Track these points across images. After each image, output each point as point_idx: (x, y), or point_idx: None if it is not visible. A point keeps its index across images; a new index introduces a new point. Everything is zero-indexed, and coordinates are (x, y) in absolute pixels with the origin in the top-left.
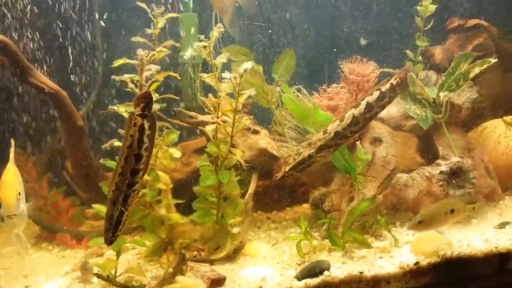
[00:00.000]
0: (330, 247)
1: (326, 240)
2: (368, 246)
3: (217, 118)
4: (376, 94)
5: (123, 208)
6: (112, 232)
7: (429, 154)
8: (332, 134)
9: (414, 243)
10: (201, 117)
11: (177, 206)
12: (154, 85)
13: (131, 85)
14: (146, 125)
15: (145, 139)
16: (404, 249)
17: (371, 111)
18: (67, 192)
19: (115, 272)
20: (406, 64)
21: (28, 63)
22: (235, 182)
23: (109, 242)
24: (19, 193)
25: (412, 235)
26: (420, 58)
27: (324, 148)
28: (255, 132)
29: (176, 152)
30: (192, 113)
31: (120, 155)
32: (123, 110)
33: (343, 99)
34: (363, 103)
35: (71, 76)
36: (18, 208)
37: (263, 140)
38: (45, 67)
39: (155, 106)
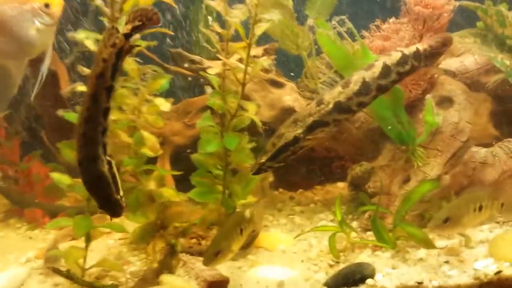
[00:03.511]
0: (376, 244)
1: (369, 234)
2: (430, 245)
3: (225, 57)
4: (396, 56)
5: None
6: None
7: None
8: (331, 105)
9: (494, 243)
10: (207, 62)
11: (178, 181)
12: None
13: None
14: (126, 50)
15: (120, 69)
16: (479, 251)
17: (387, 78)
18: (46, 158)
19: (84, 264)
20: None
21: None
22: (248, 150)
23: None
24: None
25: (489, 231)
26: None
27: (318, 126)
28: (279, 85)
29: (163, 104)
30: (195, 57)
31: (86, 92)
32: (83, 36)
33: (405, 39)
34: (378, 64)
35: None
36: None
37: (289, 96)
38: None
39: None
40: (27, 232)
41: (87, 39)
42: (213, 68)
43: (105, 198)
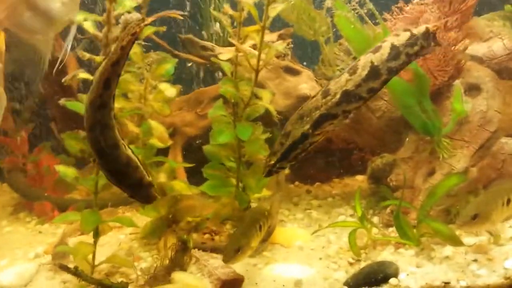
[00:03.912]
0: (398, 241)
1: (392, 230)
2: (457, 242)
3: (238, 42)
4: (404, 36)
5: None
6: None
7: None
8: (339, 95)
9: None
10: (219, 49)
11: (190, 173)
12: None
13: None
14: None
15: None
16: (509, 249)
17: (397, 60)
18: (56, 149)
19: (93, 260)
20: None
21: None
22: (262, 140)
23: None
24: None
25: None
26: None
27: (326, 119)
28: (295, 72)
29: (168, 89)
30: (207, 43)
31: (99, 78)
32: (81, 18)
33: (429, 21)
34: (386, 45)
35: None
36: None
37: (305, 84)
38: None
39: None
40: (37, 227)
41: (86, 21)
42: (225, 54)
43: (136, 184)
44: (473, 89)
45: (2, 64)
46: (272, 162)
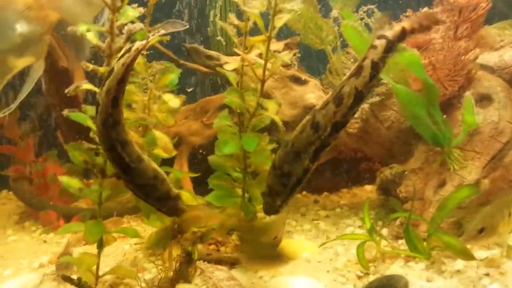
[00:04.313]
0: (408, 255)
1: (401, 243)
2: (469, 256)
3: (243, 52)
4: (380, 46)
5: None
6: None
7: None
8: (329, 128)
9: None
10: (224, 58)
11: (196, 183)
12: None
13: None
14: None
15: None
16: None
17: (378, 75)
18: (62, 158)
19: (97, 271)
20: None
21: None
22: (268, 151)
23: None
24: None
25: None
26: None
27: (321, 151)
28: (301, 82)
29: (172, 100)
30: (213, 52)
31: (104, 96)
32: (84, 29)
33: (439, 31)
34: (367, 65)
35: None
36: None
37: (312, 93)
38: None
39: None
40: (42, 236)
41: (89, 31)
42: (230, 64)
43: (164, 196)
44: (484, 99)
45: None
46: (279, 203)
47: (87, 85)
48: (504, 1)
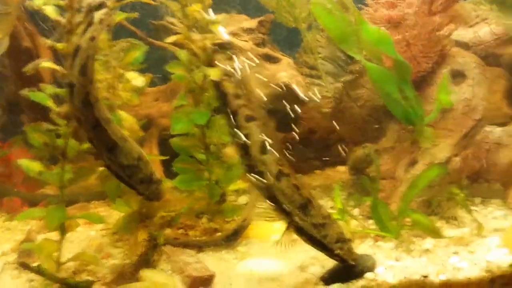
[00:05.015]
0: (378, 234)
1: (372, 222)
2: (437, 234)
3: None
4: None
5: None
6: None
7: None
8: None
9: (509, 232)
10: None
11: (167, 166)
12: None
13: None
14: None
15: None
16: (491, 241)
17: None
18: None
19: (58, 258)
20: None
21: None
22: (225, 125)
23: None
24: None
25: (504, 219)
26: None
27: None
28: (274, 60)
29: (136, 78)
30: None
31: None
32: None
33: (412, 6)
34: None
35: None
36: None
37: (285, 72)
38: None
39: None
40: (5, 223)
41: (46, 5)
42: (171, 37)
43: (147, 179)
44: (458, 76)
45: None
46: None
47: (47, 63)
48: None
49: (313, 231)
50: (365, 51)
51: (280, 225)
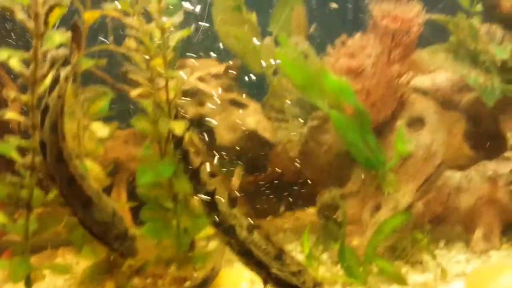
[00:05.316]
0: (345, 281)
1: (340, 268)
2: (402, 281)
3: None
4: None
5: None
6: None
7: (486, 144)
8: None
9: (471, 278)
10: (162, 81)
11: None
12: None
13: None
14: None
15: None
16: (455, 287)
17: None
18: None
19: None
20: (458, 15)
21: None
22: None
23: None
24: None
25: (466, 263)
26: (478, 7)
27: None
28: (241, 106)
29: (101, 129)
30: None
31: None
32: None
33: (371, 56)
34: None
35: None
36: None
37: (252, 117)
38: None
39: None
40: None
41: (11, 58)
42: (136, 90)
43: (122, 235)
44: (417, 122)
45: None
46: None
47: (11, 114)
48: (429, 26)
49: (293, 280)
50: (328, 100)
51: (249, 273)
